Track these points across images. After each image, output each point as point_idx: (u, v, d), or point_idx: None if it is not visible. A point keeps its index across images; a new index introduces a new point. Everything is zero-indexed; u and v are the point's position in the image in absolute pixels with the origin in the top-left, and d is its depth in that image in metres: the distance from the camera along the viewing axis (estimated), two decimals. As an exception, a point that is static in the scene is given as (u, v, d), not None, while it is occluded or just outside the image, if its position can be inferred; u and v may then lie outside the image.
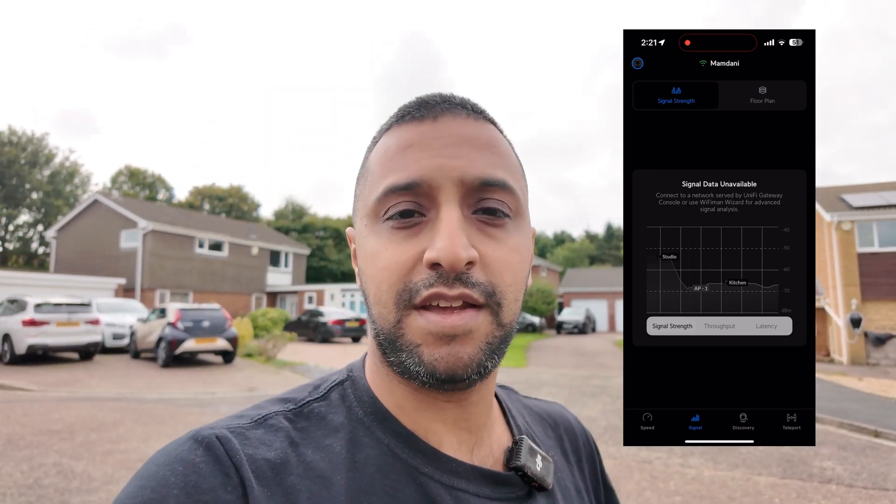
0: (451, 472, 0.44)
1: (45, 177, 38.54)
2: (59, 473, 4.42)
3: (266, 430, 0.42)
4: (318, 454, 0.41)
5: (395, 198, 0.43)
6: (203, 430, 0.40)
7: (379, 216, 0.44)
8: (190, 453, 0.38)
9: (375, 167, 0.46)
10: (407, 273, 0.41)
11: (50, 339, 11.45)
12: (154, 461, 0.38)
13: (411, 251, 0.42)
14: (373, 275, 0.43)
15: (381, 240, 0.43)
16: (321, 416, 0.45)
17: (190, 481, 0.36)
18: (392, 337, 0.42)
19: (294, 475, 0.39)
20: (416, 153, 0.43)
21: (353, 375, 0.49)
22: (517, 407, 0.58)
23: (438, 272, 0.40)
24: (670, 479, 4.55)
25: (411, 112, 0.46)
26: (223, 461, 0.38)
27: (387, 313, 0.42)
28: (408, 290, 0.41)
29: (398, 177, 0.43)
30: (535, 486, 0.48)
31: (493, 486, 0.45)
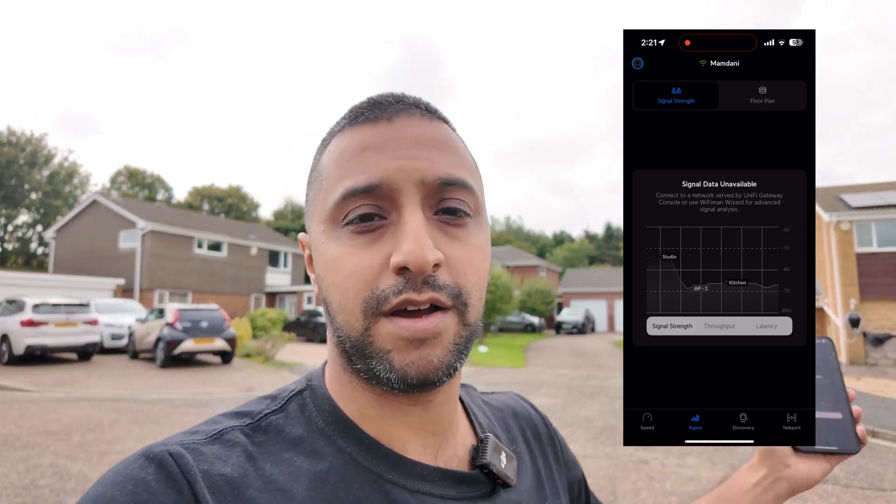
0: (415, 476, 0.44)
1: (44, 177, 38.50)
2: (54, 474, 4.42)
3: (222, 445, 0.41)
4: (277, 467, 0.40)
5: (354, 201, 0.42)
6: (155, 447, 0.38)
7: (338, 221, 0.43)
8: (141, 471, 0.36)
9: (330, 170, 0.44)
10: (373, 280, 0.41)
11: (48, 340, 11.43)
12: (103, 481, 0.37)
13: (376, 257, 0.41)
14: (337, 283, 0.42)
15: (341, 246, 0.42)
16: (279, 429, 0.43)
17: (140, 500, 0.35)
18: (360, 345, 0.41)
19: (252, 489, 0.38)
20: (374, 155, 0.42)
21: (313, 384, 0.48)
22: (478, 404, 0.58)
23: (406, 277, 0.40)
24: (667, 480, 4.55)
25: (364, 113, 0.45)
26: (176, 478, 0.36)
27: (353, 321, 0.41)
28: (375, 298, 0.40)
29: (357, 180, 0.41)
30: (499, 482, 0.48)
31: (457, 486, 0.45)
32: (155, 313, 12.77)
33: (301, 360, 13.15)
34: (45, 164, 38.61)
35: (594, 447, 5.60)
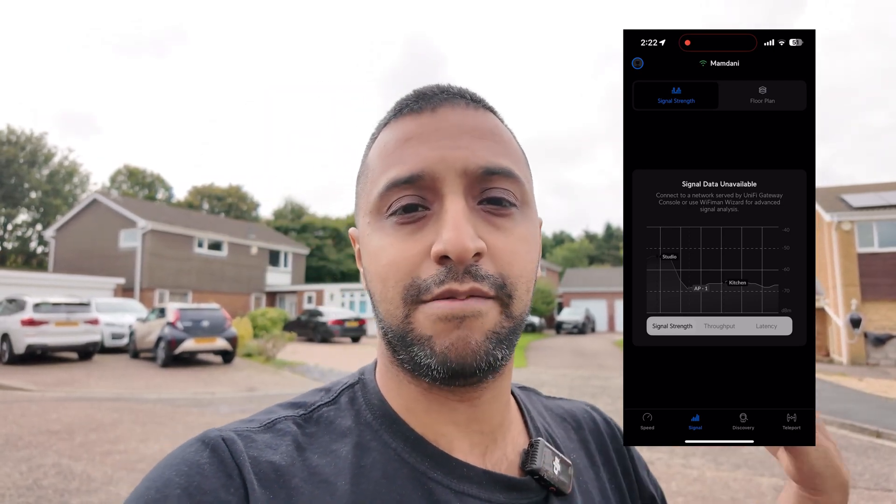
0: (461, 476, 0.42)
1: (44, 176, 38.54)
2: (58, 474, 4.42)
3: (274, 434, 0.42)
4: (323, 459, 0.41)
5: (397, 192, 0.42)
6: (211, 433, 0.40)
7: (382, 212, 0.43)
8: (196, 454, 0.38)
9: (375, 163, 0.45)
10: (414, 269, 0.40)
11: (49, 339, 11.45)
12: (163, 462, 0.39)
13: (417, 246, 0.41)
14: (378, 272, 0.42)
15: (385, 236, 0.42)
16: (330, 421, 0.44)
17: (193, 482, 0.36)
18: (401, 332, 0.41)
19: (297, 478, 0.39)
20: (417, 146, 0.42)
21: (365, 378, 0.48)
22: (537, 408, 0.56)
23: (447, 266, 0.39)
24: (672, 480, 4.55)
25: (409, 105, 0.45)
26: (227, 463, 0.38)
27: (394, 309, 0.41)
28: (416, 286, 0.40)
29: (399, 170, 0.42)
30: (552, 490, 0.46)
31: (506, 491, 0.44)
32: (156, 313, 12.78)
33: (302, 360, 13.16)
34: (44, 163, 38.64)
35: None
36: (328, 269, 43.08)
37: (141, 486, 0.38)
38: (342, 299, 26.08)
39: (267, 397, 8.51)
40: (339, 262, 43.90)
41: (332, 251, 44.29)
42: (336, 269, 43.25)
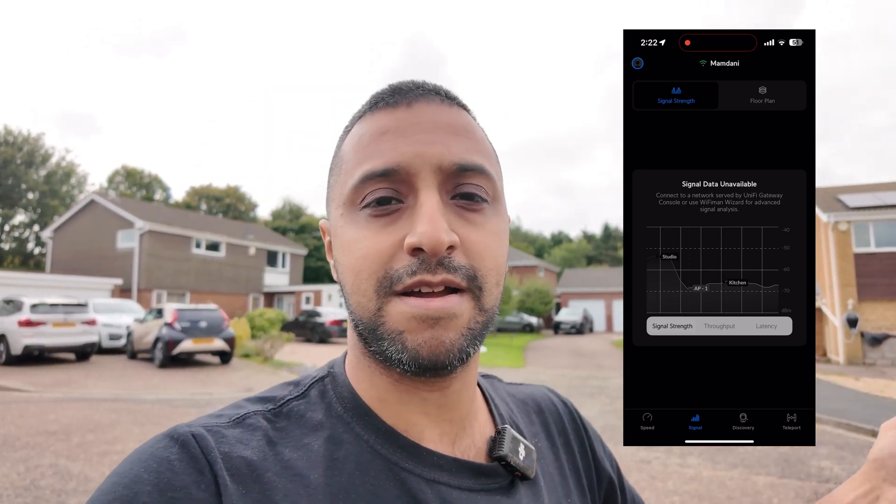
0: (432, 465, 0.43)
1: (42, 177, 38.42)
2: (55, 474, 4.40)
3: (244, 429, 0.41)
4: (296, 453, 0.41)
5: (372, 185, 0.42)
6: (179, 428, 0.39)
7: (356, 204, 0.43)
8: (165, 451, 0.38)
9: (350, 155, 0.45)
10: (387, 260, 0.41)
11: (46, 340, 11.40)
12: (129, 459, 0.38)
13: (391, 238, 0.41)
14: (351, 264, 0.42)
15: (358, 228, 0.42)
16: (300, 415, 0.44)
17: (163, 478, 0.36)
18: (373, 325, 0.41)
19: (270, 472, 0.39)
20: (393, 140, 0.42)
21: (334, 371, 0.48)
22: (500, 395, 0.57)
23: (420, 258, 0.40)
24: (669, 479, 4.55)
25: (385, 99, 0.45)
26: (198, 459, 0.37)
27: (366, 301, 0.41)
28: (388, 278, 0.40)
29: (375, 163, 0.42)
30: (517, 475, 0.48)
31: (475, 477, 0.45)
32: (153, 313, 12.75)
33: (300, 360, 13.14)
34: (42, 164, 38.52)
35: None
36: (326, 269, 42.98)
37: (107, 483, 0.37)
38: (340, 300, 26.03)
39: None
40: (338, 263, 43.75)
41: (330, 252, 44.18)
42: (334, 270, 43.14)
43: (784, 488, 4.37)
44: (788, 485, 4.45)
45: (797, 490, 4.33)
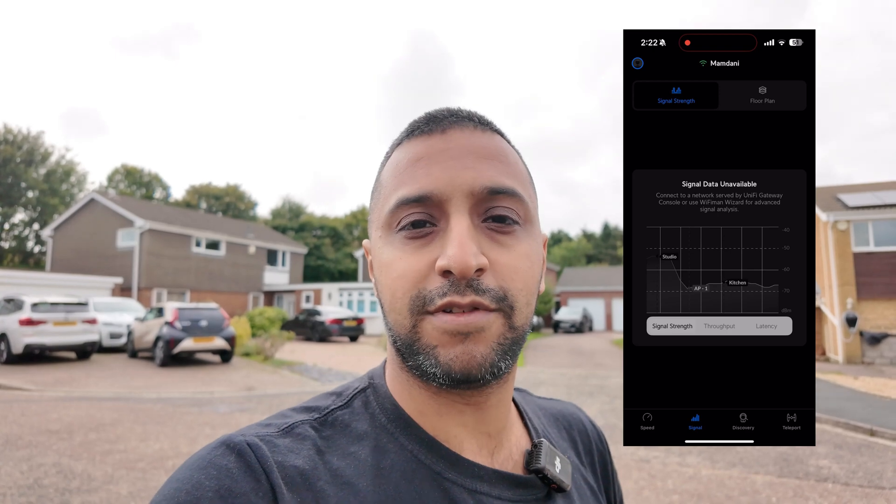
0: (473, 476, 0.45)
1: (41, 175, 38.40)
2: (58, 473, 4.41)
3: (293, 438, 0.43)
4: (343, 461, 0.42)
5: (406, 209, 0.44)
6: (234, 437, 0.41)
7: (392, 227, 0.45)
8: (223, 458, 0.39)
9: (388, 181, 0.47)
10: (420, 280, 0.43)
11: (47, 339, 11.41)
12: (188, 465, 0.39)
13: (424, 260, 0.43)
14: (388, 283, 0.45)
15: (394, 250, 0.45)
16: (345, 425, 0.46)
17: (223, 485, 0.37)
18: (409, 341, 0.44)
19: (322, 481, 0.40)
20: (426, 166, 0.45)
21: (375, 383, 0.50)
22: (533, 409, 0.59)
23: (450, 280, 0.42)
24: (668, 478, 4.56)
25: (420, 127, 0.47)
26: (254, 467, 0.39)
27: (402, 319, 0.44)
28: (421, 297, 0.43)
29: (409, 189, 0.44)
30: (553, 487, 0.49)
31: (513, 488, 0.47)
32: (154, 312, 12.75)
33: (300, 359, 13.15)
34: (41, 163, 38.50)
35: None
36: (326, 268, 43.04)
37: (169, 487, 0.38)
38: (340, 298, 26.06)
39: (265, 396, 8.50)
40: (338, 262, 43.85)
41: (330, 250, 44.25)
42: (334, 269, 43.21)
43: (783, 487, 4.37)
44: (787, 483, 4.46)
45: (795, 489, 4.33)
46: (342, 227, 47.52)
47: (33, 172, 37.74)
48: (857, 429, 6.42)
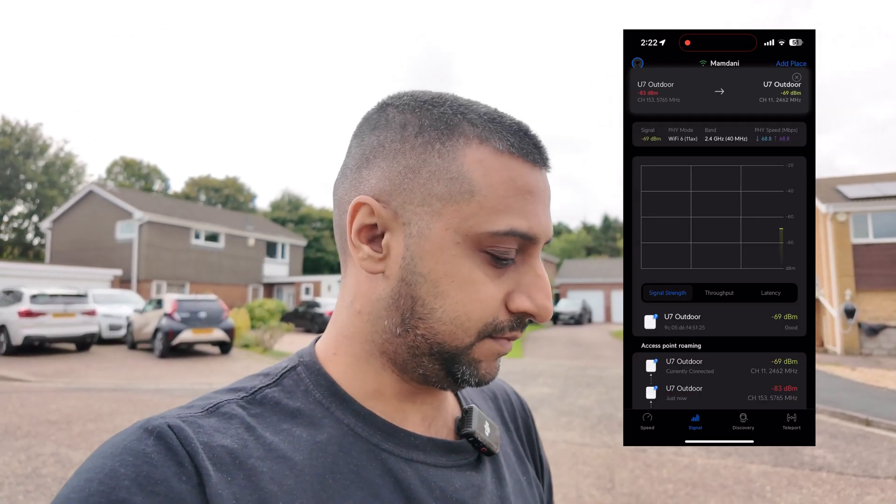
0: (409, 445, 0.47)
1: (40, 167, 38.19)
2: (56, 463, 4.44)
3: (219, 418, 0.41)
4: (277, 437, 0.42)
5: (510, 240, 0.44)
6: (153, 420, 0.39)
7: (482, 245, 0.43)
8: (140, 443, 0.36)
9: (490, 192, 0.43)
10: (496, 311, 0.45)
11: (46, 330, 11.43)
12: (100, 453, 0.37)
13: (502, 291, 0.45)
14: (462, 300, 0.43)
15: (476, 270, 0.44)
16: (276, 402, 0.45)
17: (141, 472, 0.35)
18: (456, 352, 0.45)
19: (254, 458, 0.39)
20: (533, 204, 0.45)
21: (305, 361, 0.49)
22: None
23: (518, 317, 0.46)
24: (663, 468, 4.60)
25: (527, 150, 0.45)
26: (177, 450, 0.37)
27: (464, 336, 0.44)
28: (493, 325, 0.45)
29: (521, 223, 0.44)
30: (483, 451, 0.52)
31: (447, 454, 0.49)
32: (153, 304, 12.77)
33: (299, 351, 13.16)
34: (40, 155, 38.27)
35: (592, 436, 5.66)
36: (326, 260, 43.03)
37: (78, 478, 0.35)
38: (340, 290, 26.04)
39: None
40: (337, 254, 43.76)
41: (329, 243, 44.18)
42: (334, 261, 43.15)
43: (777, 476, 4.41)
44: (781, 473, 4.50)
45: (790, 478, 4.38)
46: (341, 219, 47.19)
47: (32, 164, 37.54)
48: (853, 419, 6.47)
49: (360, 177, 0.47)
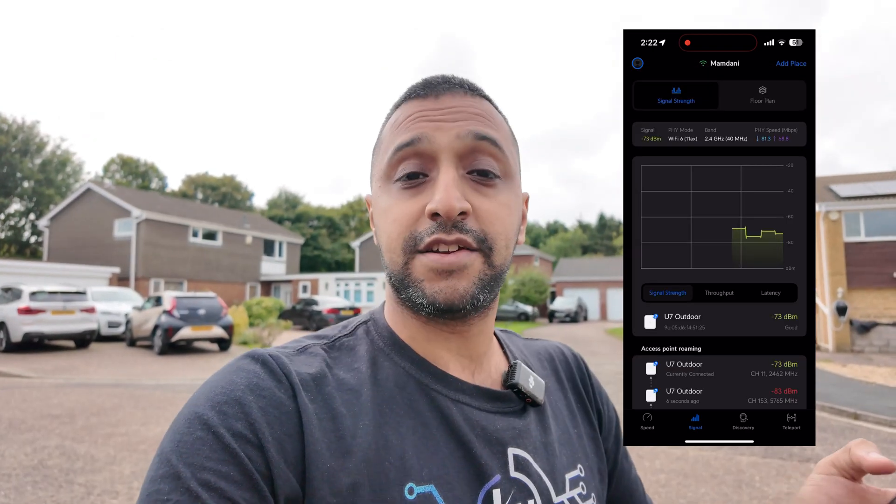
0: (456, 389, 0.52)
1: (37, 165, 37.95)
2: (62, 455, 4.47)
3: (307, 355, 0.51)
4: (348, 374, 0.50)
5: (402, 157, 0.50)
6: (258, 351, 0.48)
7: (390, 178, 0.52)
8: (249, 365, 0.46)
9: (386, 136, 0.53)
10: (412, 224, 0.49)
11: (45, 327, 11.42)
12: (219, 372, 0.46)
13: (416, 206, 0.49)
14: (385, 227, 0.52)
15: (391, 198, 0.51)
16: (350, 347, 0.53)
17: (252, 381, 0.45)
18: (401, 277, 0.51)
19: (330, 387, 0.48)
20: (419, 120, 0.51)
21: (375, 316, 0.58)
22: (516, 344, 0.66)
23: (438, 222, 0.48)
24: (656, 458, 4.66)
25: (417, 91, 0.53)
26: (276, 372, 0.46)
27: (396, 257, 0.50)
28: (413, 238, 0.49)
29: (403, 137, 0.50)
30: (528, 401, 0.56)
31: (491, 401, 0.54)
32: (152, 301, 12.76)
33: (298, 348, 13.17)
34: (37, 153, 38.02)
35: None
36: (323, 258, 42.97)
37: (205, 387, 0.45)
38: (337, 288, 26.10)
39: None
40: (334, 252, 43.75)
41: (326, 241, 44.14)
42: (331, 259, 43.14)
43: (766, 467, 4.47)
44: (770, 464, 4.56)
45: (778, 468, 4.44)
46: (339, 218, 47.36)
47: (29, 163, 37.29)
48: (842, 413, 6.55)
49: None
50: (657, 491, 3.95)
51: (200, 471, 0.40)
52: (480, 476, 0.49)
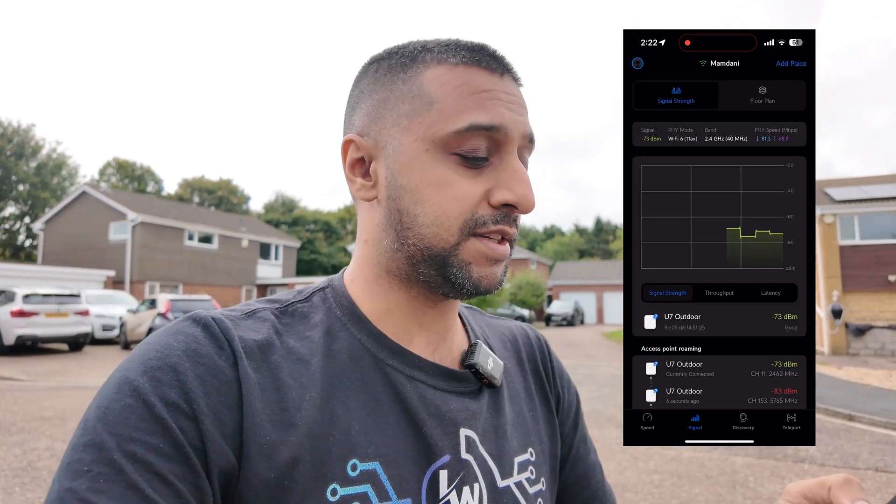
0: (413, 366, 0.51)
1: (32, 169, 37.75)
2: (52, 457, 4.45)
3: (255, 320, 0.48)
4: (298, 343, 0.48)
5: (475, 136, 0.47)
6: (199, 313, 0.46)
7: (450, 147, 0.47)
8: (189, 328, 0.44)
9: (447, 98, 0.47)
10: (474, 206, 0.48)
11: (39, 330, 11.35)
12: (156, 333, 0.44)
13: (480, 188, 0.48)
14: (439, 201, 0.47)
15: (449, 171, 0.47)
16: (303, 314, 0.51)
17: (190, 346, 0.42)
18: (444, 254, 0.48)
19: (277, 356, 0.45)
20: (495, 101, 0.48)
21: (334, 284, 0.55)
22: (479, 323, 0.65)
23: (504, 212, 0.48)
24: (650, 460, 4.67)
25: (483, 60, 0.49)
26: (218, 336, 0.44)
27: (447, 235, 0.47)
28: (474, 220, 0.47)
29: (481, 117, 0.47)
30: (485, 382, 0.55)
31: (447, 380, 0.52)
32: (147, 304, 12.72)
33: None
34: (32, 156, 37.82)
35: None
36: (319, 262, 42.91)
37: (139, 349, 0.42)
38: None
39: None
40: (331, 256, 43.70)
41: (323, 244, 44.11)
42: (327, 263, 43.08)
43: (760, 468, 4.48)
44: (765, 464, 4.57)
45: (773, 469, 4.45)
46: (335, 222, 47.32)
47: (24, 166, 37.09)
48: (837, 414, 6.59)
49: (348, 122, 0.54)
50: (651, 492, 3.95)
51: (127, 441, 0.37)
52: (429, 455, 0.48)
